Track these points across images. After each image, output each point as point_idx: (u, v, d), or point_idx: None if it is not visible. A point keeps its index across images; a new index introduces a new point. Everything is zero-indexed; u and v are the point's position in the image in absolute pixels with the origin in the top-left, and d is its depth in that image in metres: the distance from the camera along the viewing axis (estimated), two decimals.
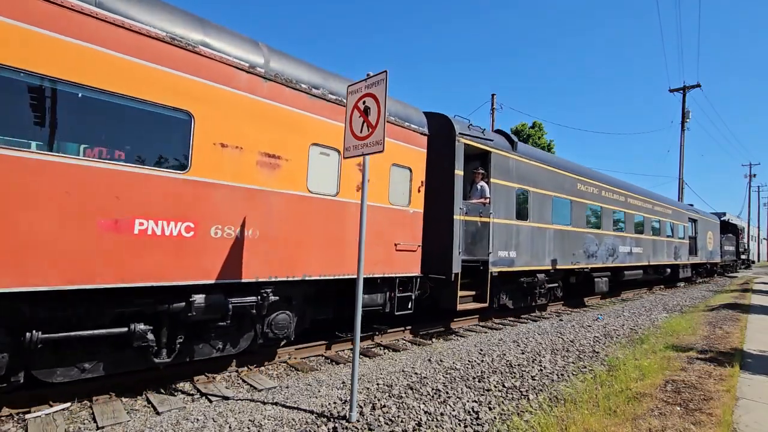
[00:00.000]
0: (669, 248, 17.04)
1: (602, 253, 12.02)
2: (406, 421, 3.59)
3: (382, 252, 6.19)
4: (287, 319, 5.36)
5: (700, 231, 20.97)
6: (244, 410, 3.89)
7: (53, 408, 4.05)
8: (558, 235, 10.19)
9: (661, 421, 3.66)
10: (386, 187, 6.30)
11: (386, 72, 3.65)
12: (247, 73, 4.77)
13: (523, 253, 8.98)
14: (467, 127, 7.91)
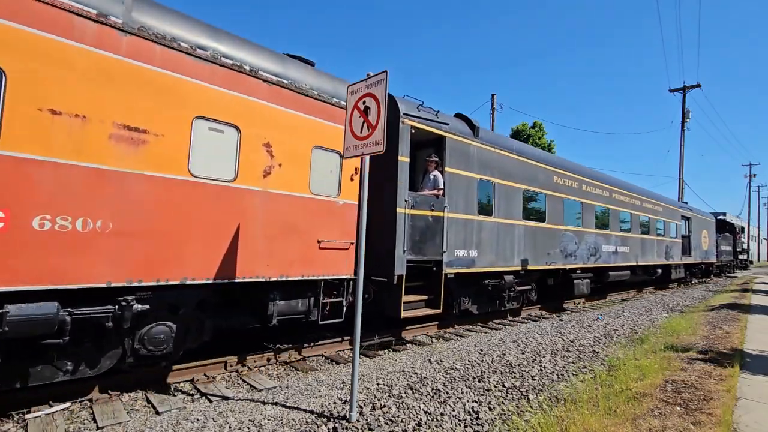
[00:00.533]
0: (660, 248, 16.09)
1: (583, 253, 11.12)
2: (406, 421, 3.59)
3: (299, 250, 5.21)
4: (167, 332, 4.43)
5: (694, 230, 20.07)
6: (244, 410, 3.89)
7: (53, 408, 4.05)
8: (530, 232, 9.27)
9: (661, 421, 3.66)
10: (306, 173, 5.33)
11: (386, 72, 3.65)
12: (95, 22, 3.78)
13: (486, 252, 8.05)
14: (416, 108, 6.98)
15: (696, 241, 20.17)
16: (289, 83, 5.21)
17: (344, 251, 5.77)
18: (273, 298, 5.15)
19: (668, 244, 16.86)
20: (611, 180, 13.40)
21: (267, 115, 4.99)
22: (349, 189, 5.84)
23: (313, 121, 5.47)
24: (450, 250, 7.25)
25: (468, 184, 7.78)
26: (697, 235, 20.37)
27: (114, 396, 4.41)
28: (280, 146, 5.07)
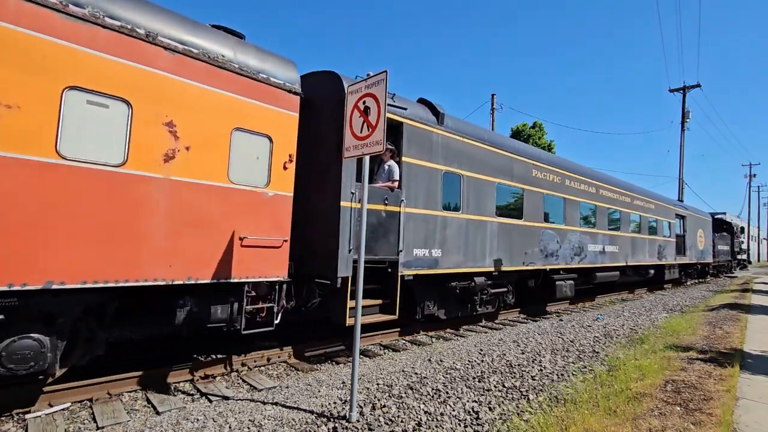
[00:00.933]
0: (652, 247, 15.20)
1: (565, 252, 10.35)
2: (406, 421, 3.59)
3: (214, 248, 4.48)
4: (35, 346, 3.61)
5: (690, 229, 19.19)
6: (244, 410, 3.89)
7: (53, 408, 4.05)
8: (505, 230, 8.49)
9: (661, 421, 3.66)
10: (224, 159, 4.60)
11: (386, 72, 3.65)
12: None
13: (452, 251, 7.26)
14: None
15: (691, 240, 19.37)
16: (200, 53, 4.45)
17: (276, 250, 5.02)
18: (183, 304, 4.43)
19: (661, 244, 16.05)
20: (598, 175, 12.59)
21: (169, 89, 4.24)
22: (281, 179, 5.09)
23: (235, 99, 4.70)
24: (408, 249, 6.49)
25: (431, 176, 6.96)
26: (692, 234, 19.58)
27: (114, 396, 4.41)
28: (188, 126, 4.34)
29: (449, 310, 7.80)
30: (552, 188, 10.13)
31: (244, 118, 4.79)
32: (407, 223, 6.52)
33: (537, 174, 9.63)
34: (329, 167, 5.89)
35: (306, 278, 5.95)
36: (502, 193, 8.58)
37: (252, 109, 4.87)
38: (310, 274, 5.87)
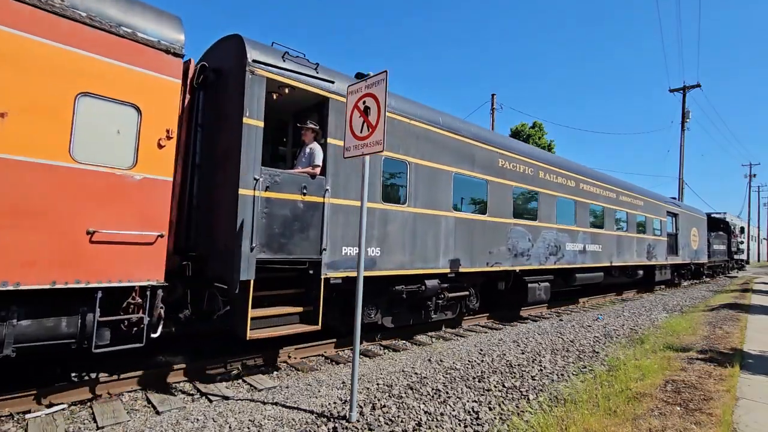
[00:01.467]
0: (640, 246, 14.23)
1: (539, 252, 9.39)
2: (406, 421, 3.59)
3: (49, 244, 3.56)
4: None
5: (683, 227, 18.22)
6: (244, 410, 3.89)
7: (53, 408, 4.05)
8: (464, 226, 7.49)
9: (661, 421, 3.66)
10: (64, 131, 3.67)
11: (386, 72, 3.66)
12: None
13: (394, 250, 6.31)
14: (278, 57, 5.15)
15: (684, 239, 18.39)
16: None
17: (147, 247, 4.08)
18: (5, 316, 3.49)
19: (651, 243, 15.05)
20: (578, 168, 11.59)
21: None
22: (154, 159, 4.16)
23: (82, 56, 3.78)
24: (334, 247, 5.57)
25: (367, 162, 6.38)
26: (685, 233, 18.59)
27: (114, 396, 4.41)
28: (5, 87, 3.43)
29: (398, 318, 6.97)
30: (522, 180, 9.11)
31: (97, 82, 3.85)
32: (334, 217, 5.59)
33: (504, 164, 8.60)
34: (226, 148, 5.04)
35: (208, 282, 5.18)
36: (460, 185, 7.56)
37: (109, 70, 3.92)
38: (213, 277, 5.02)
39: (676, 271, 18.65)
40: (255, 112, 4.87)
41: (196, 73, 5.10)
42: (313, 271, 5.45)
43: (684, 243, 18.32)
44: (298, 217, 5.25)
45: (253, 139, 4.82)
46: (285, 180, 5.14)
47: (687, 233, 18.85)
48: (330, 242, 5.53)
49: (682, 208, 19.01)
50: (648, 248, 14.83)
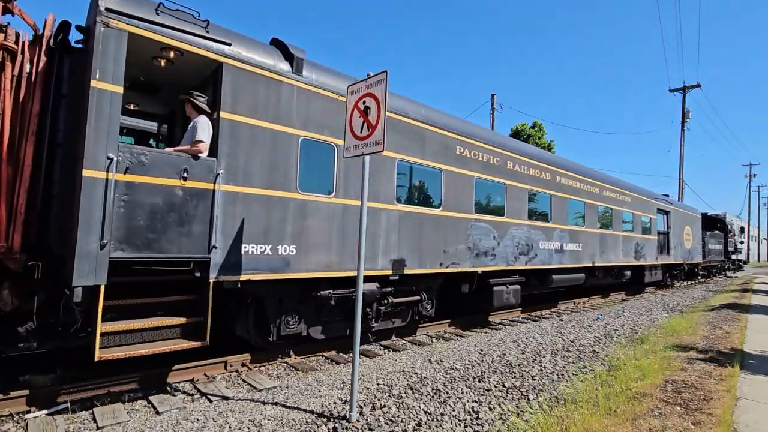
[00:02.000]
0: (627, 245, 13.27)
1: (506, 251, 8.40)
2: (406, 421, 3.59)
3: None
4: None
5: (675, 225, 17.27)
6: (244, 410, 3.89)
7: (53, 408, 4.05)
8: (410, 221, 6.53)
9: (661, 421, 3.66)
10: None
11: (386, 72, 3.66)
12: None
13: (316, 248, 5.37)
14: (152, 10, 4.29)
15: (677, 238, 17.47)
16: None
17: None
18: None
19: (639, 242, 14.09)
20: (555, 160, 10.66)
21: None
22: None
23: None
24: (230, 245, 4.65)
25: (277, 143, 5.06)
26: (678, 231, 17.61)
27: (114, 396, 4.41)
28: None
29: (330, 327, 6.06)
30: (487, 171, 8.10)
31: None
32: (229, 208, 4.66)
33: (463, 152, 7.58)
34: (65, 120, 4.29)
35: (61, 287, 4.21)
36: (407, 174, 6.69)
37: None
38: (67, 281, 3.88)
39: (668, 271, 17.85)
40: (109, 74, 3.91)
41: (54, 32, 4.20)
42: (200, 273, 4.50)
43: (676, 242, 17.41)
44: (176, 207, 4.28)
45: (105, 107, 3.88)
46: (155, 160, 4.16)
47: (680, 232, 17.92)
48: (222, 239, 4.57)
49: (675, 205, 17.99)
50: (636, 247, 13.90)
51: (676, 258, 17.24)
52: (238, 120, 4.79)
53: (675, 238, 17.24)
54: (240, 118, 4.81)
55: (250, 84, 4.90)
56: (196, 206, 4.43)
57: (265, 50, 5.21)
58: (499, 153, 8.48)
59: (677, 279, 19.13)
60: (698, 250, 20.45)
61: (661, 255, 15.86)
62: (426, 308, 7.25)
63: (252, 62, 4.94)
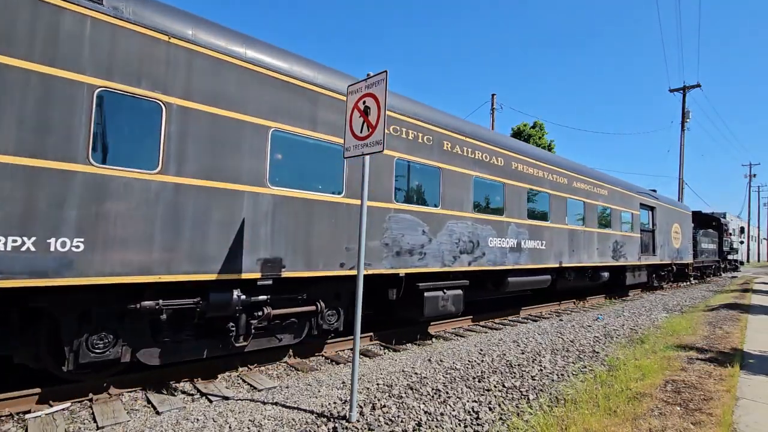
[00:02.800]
0: (603, 244, 11.80)
1: (442, 249, 6.99)
2: (406, 421, 3.59)
3: None
4: None
5: (662, 223, 15.92)
6: (244, 410, 3.89)
7: (53, 408, 4.05)
8: (292, 209, 5.17)
9: (661, 421, 3.66)
10: None
11: (386, 72, 3.66)
12: None
13: (124, 243, 3.96)
14: None
15: (664, 236, 16.07)
16: None
17: None
18: None
19: (619, 240, 12.67)
20: (509, 143, 9.05)
21: None
22: None
23: None
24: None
25: (52, 93, 3.72)
26: (665, 229, 16.25)
27: (114, 396, 4.41)
28: None
29: (175, 349, 4.68)
30: (413, 151, 6.69)
31: None
32: None
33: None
34: None
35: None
36: (288, 149, 5.28)
37: None
38: None
39: (655, 272, 16.40)
40: None
41: None
42: None
43: (663, 240, 16.04)
44: None
45: None
46: None
47: (667, 230, 16.57)
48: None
49: (661, 200, 16.48)
50: (615, 246, 12.44)
51: (662, 258, 15.90)
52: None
53: (662, 237, 15.89)
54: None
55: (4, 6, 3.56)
56: None
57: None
58: (431, 131, 7.00)
59: (665, 280, 17.58)
60: (689, 249, 19.20)
61: (645, 254, 14.60)
62: (327, 321, 5.87)
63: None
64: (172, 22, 4.41)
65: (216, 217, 4.57)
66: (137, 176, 4.10)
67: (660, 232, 15.78)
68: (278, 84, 5.17)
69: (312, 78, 5.53)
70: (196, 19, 4.67)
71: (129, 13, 4.14)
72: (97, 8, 3.94)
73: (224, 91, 4.71)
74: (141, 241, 4.08)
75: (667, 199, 17.59)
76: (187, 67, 4.46)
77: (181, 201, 4.34)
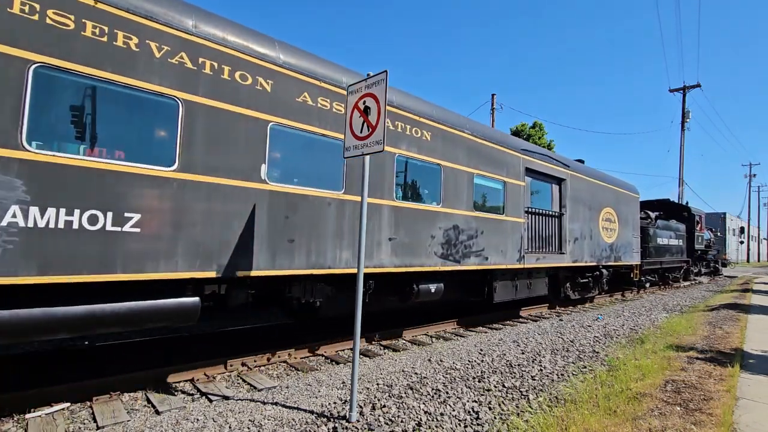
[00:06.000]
0: (425, 233, 6.65)
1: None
2: (406, 421, 3.59)
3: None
4: None
5: (578, 204, 10.68)
6: (244, 410, 3.89)
7: (53, 408, 4.05)
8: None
9: (662, 421, 3.66)
10: None
11: (386, 72, 3.66)
12: None
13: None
14: None
15: (582, 225, 10.72)
16: None
17: None
18: None
19: (462, 227, 7.30)
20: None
21: None
22: None
23: None
24: None
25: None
26: (585, 214, 10.94)
27: (114, 396, 4.41)
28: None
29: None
30: None
31: None
32: None
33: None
34: None
35: None
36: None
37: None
38: None
39: (570, 279, 11.01)
40: None
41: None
42: None
43: (581, 231, 10.72)
44: None
45: None
46: None
47: (590, 215, 11.20)
48: None
49: (579, 171, 11.03)
50: (449, 238, 7.03)
51: (578, 257, 10.52)
52: None
53: (579, 225, 10.65)
54: None
55: None
56: None
57: None
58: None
59: (586, 291, 11.76)
60: (633, 246, 13.58)
61: (537, 252, 9.27)
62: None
63: None
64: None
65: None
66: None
67: (576, 218, 10.55)
68: None
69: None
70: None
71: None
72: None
73: None
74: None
75: (591, 171, 11.82)
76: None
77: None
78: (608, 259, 12.14)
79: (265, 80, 4.91)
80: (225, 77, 4.57)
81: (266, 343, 6.25)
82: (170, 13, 4.22)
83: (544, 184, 9.97)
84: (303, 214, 5.17)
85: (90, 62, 3.72)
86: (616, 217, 12.74)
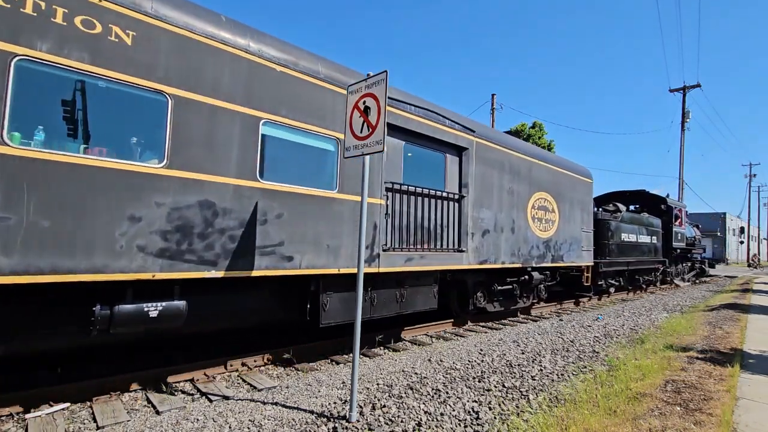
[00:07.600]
0: (102, 213, 3.59)
1: None
2: (406, 421, 3.59)
3: None
4: None
5: (491, 183, 7.85)
6: (244, 410, 3.89)
7: (53, 408, 4.05)
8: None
9: (662, 421, 3.66)
10: None
11: (386, 72, 3.66)
12: None
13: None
14: None
15: (496, 213, 7.92)
16: None
17: None
18: None
19: (226, 207, 4.35)
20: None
21: None
22: None
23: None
24: None
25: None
26: (504, 199, 8.13)
27: (114, 396, 4.41)
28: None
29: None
30: None
31: None
32: None
33: None
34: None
35: None
36: None
37: None
38: None
39: (481, 288, 8.16)
40: None
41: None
42: None
43: (495, 222, 7.90)
44: None
45: None
46: None
47: (511, 201, 8.35)
48: None
49: (489, 137, 7.99)
50: (189, 223, 4.11)
51: (484, 256, 7.60)
52: None
53: (490, 213, 7.81)
54: None
55: None
56: None
57: None
58: None
59: (511, 301, 8.98)
60: (581, 242, 10.72)
61: (412, 249, 6.38)
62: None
63: None
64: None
65: None
66: None
67: (484, 203, 7.69)
68: None
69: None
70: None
71: None
72: None
73: None
74: None
75: (512, 140, 8.96)
76: None
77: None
78: (542, 259, 9.12)
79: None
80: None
81: (266, 343, 6.25)
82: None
83: (432, 153, 6.98)
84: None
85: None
86: (555, 206, 9.67)
